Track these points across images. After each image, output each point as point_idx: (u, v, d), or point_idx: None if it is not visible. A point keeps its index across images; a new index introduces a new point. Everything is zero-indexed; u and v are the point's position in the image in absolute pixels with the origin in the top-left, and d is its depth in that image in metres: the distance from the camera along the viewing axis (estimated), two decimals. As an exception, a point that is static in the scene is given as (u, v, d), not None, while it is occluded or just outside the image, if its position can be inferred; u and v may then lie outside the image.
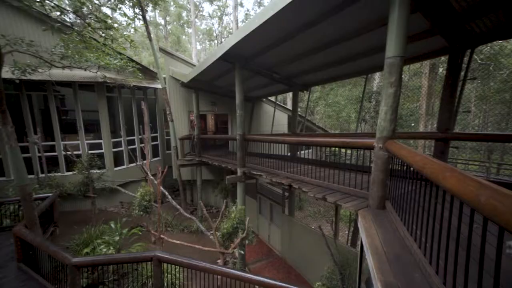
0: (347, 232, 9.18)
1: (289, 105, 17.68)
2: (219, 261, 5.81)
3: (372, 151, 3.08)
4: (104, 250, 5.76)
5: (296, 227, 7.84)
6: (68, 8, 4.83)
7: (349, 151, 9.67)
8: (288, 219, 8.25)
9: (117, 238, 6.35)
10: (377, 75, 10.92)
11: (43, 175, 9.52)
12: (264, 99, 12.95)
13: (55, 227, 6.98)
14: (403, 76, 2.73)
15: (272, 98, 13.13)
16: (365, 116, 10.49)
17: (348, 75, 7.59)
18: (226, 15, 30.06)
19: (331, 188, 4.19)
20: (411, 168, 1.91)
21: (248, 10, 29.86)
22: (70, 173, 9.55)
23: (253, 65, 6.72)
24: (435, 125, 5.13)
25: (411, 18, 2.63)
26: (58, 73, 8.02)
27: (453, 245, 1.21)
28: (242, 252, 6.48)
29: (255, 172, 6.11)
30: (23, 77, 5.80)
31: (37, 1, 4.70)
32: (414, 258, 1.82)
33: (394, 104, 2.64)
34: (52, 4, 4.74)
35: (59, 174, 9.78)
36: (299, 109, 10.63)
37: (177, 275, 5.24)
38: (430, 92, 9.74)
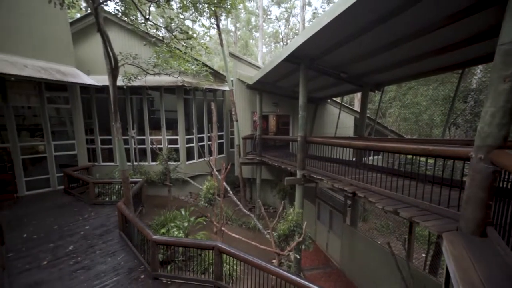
0: (423, 255, 7.77)
1: (357, 106, 16.27)
2: (274, 261, 5.84)
3: (466, 162, 2.50)
4: (176, 233, 6.62)
5: (359, 240, 7.13)
6: (161, 25, 5.84)
7: (430, 160, 8.14)
8: (350, 229, 7.58)
9: (186, 224, 7.20)
10: (479, 69, 8.74)
11: (136, 163, 11.68)
12: (329, 100, 12.30)
13: (142, 207, 8.45)
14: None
15: (338, 99, 12.36)
16: (457, 119, 8.54)
17: (436, 71, 6.39)
18: (292, 16, 30.04)
19: (404, 202, 3.63)
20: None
21: (316, 9, 28.93)
22: (154, 163, 11.41)
23: (319, 65, 6.47)
24: None
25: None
26: (151, 79, 9.69)
27: None
28: (298, 257, 6.33)
29: (315, 176, 5.87)
30: (128, 84, 7.31)
31: (143, 23, 5.85)
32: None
33: (508, 104, 2.05)
34: (151, 24, 5.80)
35: (146, 163, 11.81)
36: (368, 111, 9.64)
37: (235, 267, 5.55)
38: None
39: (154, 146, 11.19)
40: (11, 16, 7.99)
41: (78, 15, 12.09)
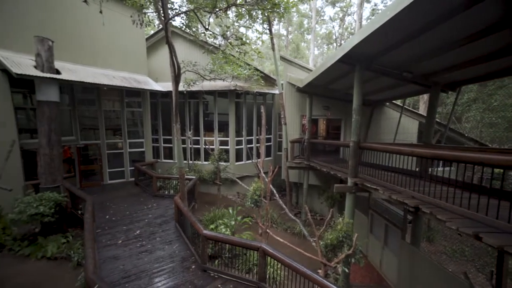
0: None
1: (422, 110, 14.28)
2: (320, 271, 5.56)
3: None
4: (223, 230, 6.96)
5: (422, 262, 6.17)
6: (218, 34, 6.35)
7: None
8: (410, 249, 6.64)
9: (232, 222, 7.50)
10: None
11: (191, 162, 12.80)
12: (387, 103, 11.14)
13: (194, 203, 9.18)
14: None
15: (398, 102, 11.10)
16: None
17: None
18: (348, 15, 28.45)
19: (489, 225, 3.00)
20: None
21: (375, 5, 26.66)
22: (206, 162, 12.30)
23: (377, 65, 5.93)
24: None
25: None
26: (207, 84, 10.55)
27: None
28: (347, 270, 5.88)
29: (369, 185, 5.38)
30: (188, 89, 8.11)
31: (202, 32, 6.46)
32: None
33: None
34: (210, 33, 6.35)
35: (199, 162, 12.81)
36: (436, 115, 8.33)
37: (278, 271, 5.50)
38: None
39: (207, 146, 12.09)
40: (105, 37, 9.85)
41: (152, 32, 14.12)
